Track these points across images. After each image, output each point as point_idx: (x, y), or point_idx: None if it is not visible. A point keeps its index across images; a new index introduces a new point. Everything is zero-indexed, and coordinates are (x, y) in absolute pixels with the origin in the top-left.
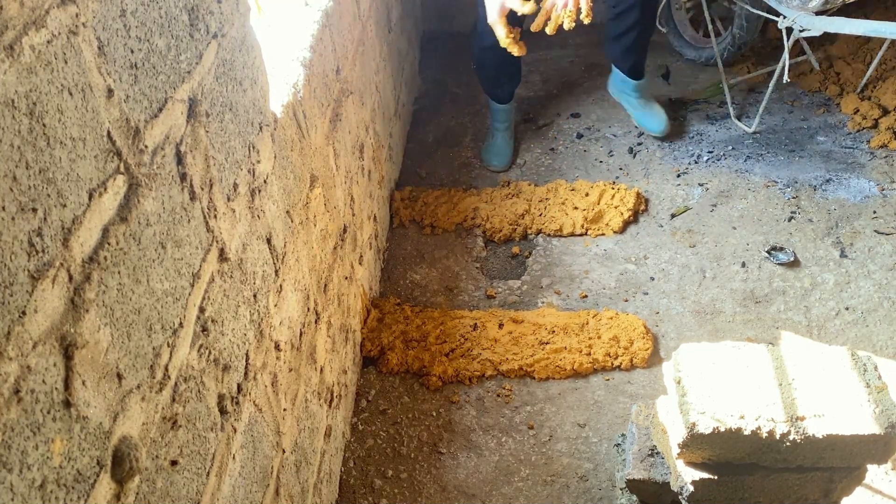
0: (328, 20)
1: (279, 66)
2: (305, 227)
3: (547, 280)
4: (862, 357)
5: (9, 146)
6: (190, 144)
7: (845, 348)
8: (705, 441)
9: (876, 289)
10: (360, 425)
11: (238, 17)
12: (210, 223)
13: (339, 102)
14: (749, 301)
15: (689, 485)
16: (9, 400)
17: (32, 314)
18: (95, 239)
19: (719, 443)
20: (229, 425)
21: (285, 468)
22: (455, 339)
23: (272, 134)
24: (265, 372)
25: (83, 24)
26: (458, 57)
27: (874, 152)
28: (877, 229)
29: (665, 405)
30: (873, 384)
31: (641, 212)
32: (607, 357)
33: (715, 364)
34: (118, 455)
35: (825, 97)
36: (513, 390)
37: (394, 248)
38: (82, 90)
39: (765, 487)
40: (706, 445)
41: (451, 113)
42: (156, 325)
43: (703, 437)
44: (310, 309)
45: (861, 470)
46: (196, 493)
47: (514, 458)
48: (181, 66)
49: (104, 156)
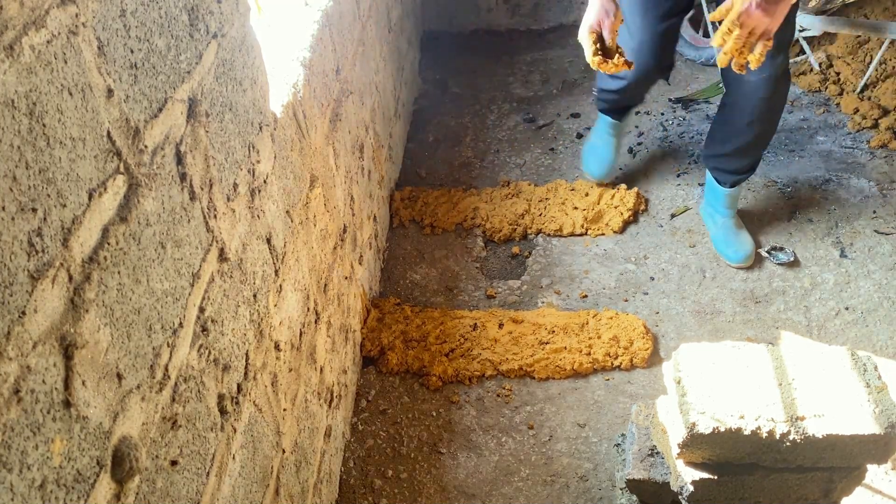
0: (328, 20)
1: (279, 66)
2: (305, 227)
3: (547, 280)
4: (862, 357)
5: (9, 146)
6: (190, 144)
7: (845, 348)
8: (705, 441)
9: (876, 289)
10: (360, 425)
11: (238, 17)
12: (210, 223)
13: (339, 102)
14: (749, 301)
15: (689, 485)
16: (9, 400)
17: (32, 314)
18: (95, 239)
19: (719, 443)
20: (229, 425)
21: (285, 468)
22: (455, 339)
23: (272, 134)
24: (265, 372)
25: (83, 24)
26: (458, 57)
27: (874, 152)
28: (877, 229)
29: (665, 405)
30: (873, 384)
31: (641, 212)
32: (607, 357)
33: (715, 364)
34: (118, 455)
35: (825, 97)
36: (513, 390)
37: (394, 247)
38: (82, 90)
39: (765, 487)
40: (706, 445)
41: (451, 113)
42: (156, 325)
43: (703, 437)
44: (310, 309)
45: (861, 470)
46: (196, 493)
47: (514, 458)
48: (181, 66)
49: (104, 156)
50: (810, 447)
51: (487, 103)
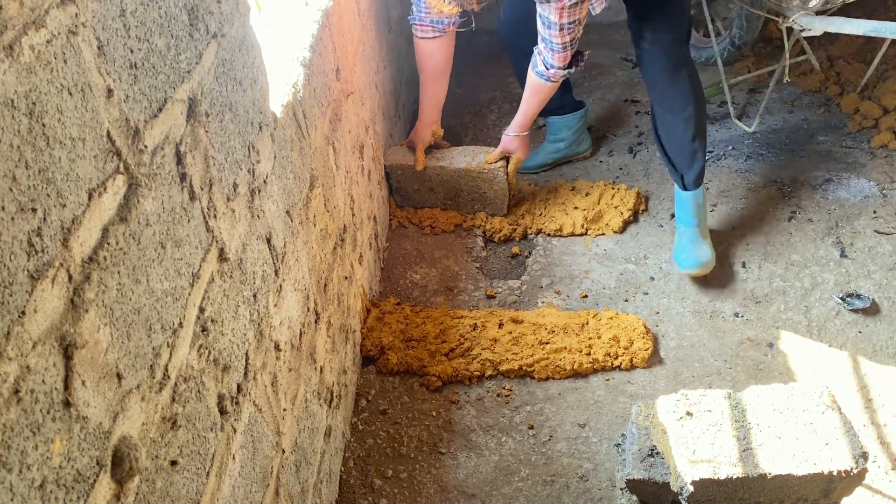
0: (328, 20)
1: (279, 66)
2: (305, 227)
3: (547, 280)
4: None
5: (8, 146)
6: (190, 144)
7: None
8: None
9: (876, 289)
10: (359, 425)
11: (238, 16)
12: (210, 223)
13: (339, 102)
14: (749, 301)
15: (689, 485)
16: (8, 400)
17: (32, 314)
18: (95, 239)
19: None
20: (229, 425)
21: (285, 468)
22: (455, 338)
23: (272, 134)
24: (265, 372)
25: (83, 23)
26: (458, 57)
27: (874, 152)
28: (877, 229)
29: (665, 406)
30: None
31: (641, 211)
32: (607, 357)
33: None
34: (118, 455)
35: (825, 97)
36: (513, 390)
37: (393, 247)
38: (82, 90)
39: (765, 487)
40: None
41: (451, 113)
42: (155, 325)
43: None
44: (310, 309)
45: (861, 470)
46: (196, 494)
47: (513, 458)
48: (181, 65)
49: (104, 156)
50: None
51: (487, 103)
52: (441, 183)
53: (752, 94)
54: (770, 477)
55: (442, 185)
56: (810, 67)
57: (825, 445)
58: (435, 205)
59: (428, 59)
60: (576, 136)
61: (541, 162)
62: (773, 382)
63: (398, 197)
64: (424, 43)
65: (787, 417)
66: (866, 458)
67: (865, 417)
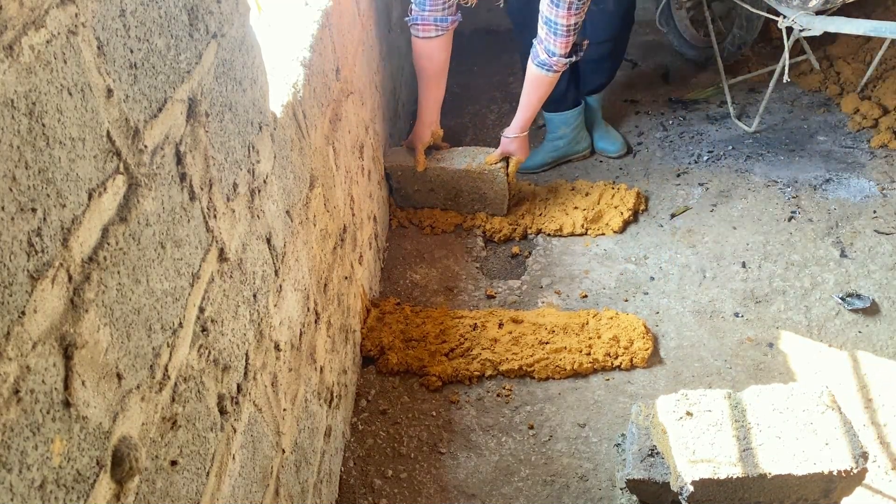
0: (328, 20)
1: (279, 66)
2: (305, 227)
3: (547, 280)
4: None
5: (8, 146)
6: (189, 144)
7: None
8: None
9: (876, 289)
10: (360, 425)
11: (238, 16)
12: (210, 223)
13: (339, 102)
14: (749, 301)
15: (689, 485)
16: (8, 400)
17: (32, 314)
18: (95, 239)
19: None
20: (229, 425)
21: (285, 468)
22: (455, 338)
23: (272, 134)
24: (265, 372)
25: (82, 24)
26: (458, 56)
27: (874, 152)
28: (877, 229)
29: (665, 405)
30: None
31: (641, 211)
32: (607, 357)
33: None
34: (118, 455)
35: (825, 97)
36: (513, 390)
37: (393, 247)
38: (82, 90)
39: (765, 487)
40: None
41: (451, 113)
42: (155, 325)
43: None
44: (310, 309)
45: (861, 470)
46: (196, 494)
47: (513, 458)
48: (181, 65)
49: (104, 156)
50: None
51: (487, 103)
52: (441, 184)
53: (752, 94)
54: (770, 477)
55: (442, 185)
56: (810, 67)
57: (825, 445)
58: (435, 205)
59: (428, 59)
60: (575, 134)
61: (540, 161)
62: (773, 382)
63: (398, 198)
64: (425, 43)
65: (787, 417)
66: (866, 458)
67: (865, 417)
